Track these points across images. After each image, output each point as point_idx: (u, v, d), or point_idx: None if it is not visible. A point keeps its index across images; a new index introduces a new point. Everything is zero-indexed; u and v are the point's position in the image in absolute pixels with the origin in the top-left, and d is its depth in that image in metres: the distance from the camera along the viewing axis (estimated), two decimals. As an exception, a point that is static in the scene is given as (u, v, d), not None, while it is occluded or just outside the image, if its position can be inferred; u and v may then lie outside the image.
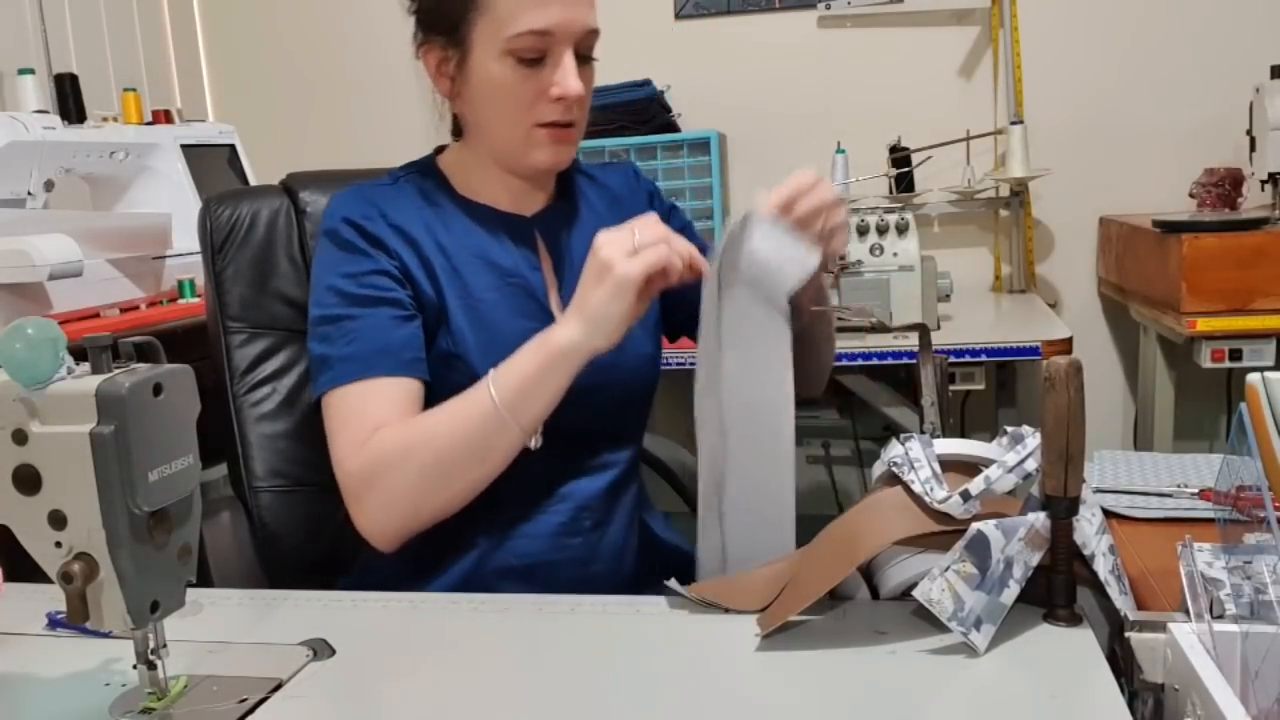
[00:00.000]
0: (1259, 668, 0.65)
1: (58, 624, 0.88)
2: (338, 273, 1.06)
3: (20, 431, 0.67)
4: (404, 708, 0.73)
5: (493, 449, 0.97)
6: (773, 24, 2.72)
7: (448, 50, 1.06)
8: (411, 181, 1.13)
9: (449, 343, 1.06)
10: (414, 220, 1.08)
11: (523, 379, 0.96)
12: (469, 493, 1.00)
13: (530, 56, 1.02)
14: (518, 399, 0.96)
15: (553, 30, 1.01)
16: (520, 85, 1.03)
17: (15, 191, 1.83)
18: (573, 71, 1.03)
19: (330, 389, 1.03)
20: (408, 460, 0.98)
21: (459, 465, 0.98)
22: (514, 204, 1.13)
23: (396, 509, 0.99)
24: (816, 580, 0.80)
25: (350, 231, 1.06)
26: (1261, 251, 1.94)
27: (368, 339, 1.03)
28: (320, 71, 2.97)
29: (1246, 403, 0.76)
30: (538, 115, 1.04)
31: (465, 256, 1.08)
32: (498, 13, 1.01)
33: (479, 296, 1.07)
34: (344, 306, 1.04)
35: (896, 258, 2.07)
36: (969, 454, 0.83)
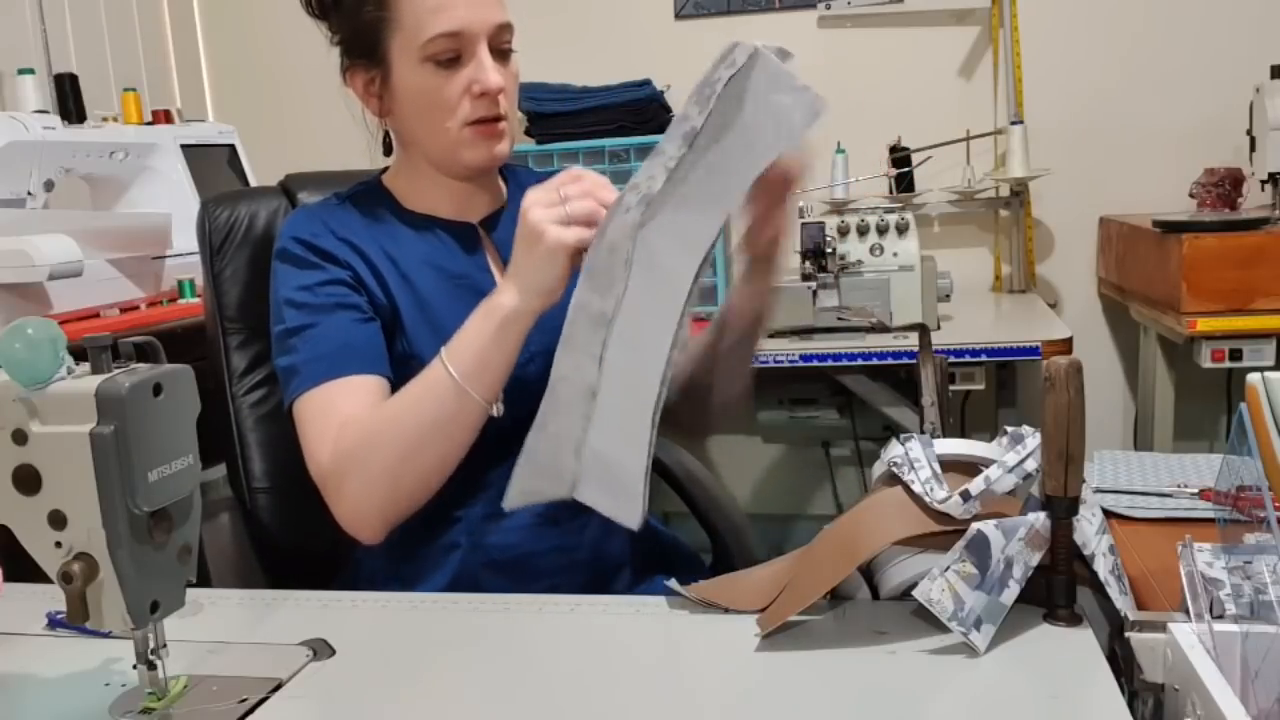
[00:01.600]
0: (1259, 668, 0.65)
1: (58, 624, 0.88)
2: (293, 287, 1.07)
3: (20, 431, 0.67)
4: (404, 708, 0.73)
5: (457, 422, 0.98)
6: (773, 24, 2.72)
7: (370, 70, 1.10)
8: (356, 202, 1.15)
9: (404, 345, 1.08)
10: (360, 233, 1.11)
11: (475, 349, 0.96)
12: (441, 470, 1.00)
13: (447, 59, 1.05)
14: (473, 368, 0.96)
15: (462, 30, 1.04)
16: (442, 89, 1.06)
17: (15, 191, 1.83)
18: (490, 67, 1.06)
19: (299, 394, 1.04)
20: (376, 445, 0.98)
21: (426, 443, 0.98)
22: (459, 212, 1.16)
23: (373, 496, 0.99)
24: (816, 580, 0.80)
25: (299, 248, 1.09)
26: (1261, 251, 1.94)
27: (330, 340, 1.04)
28: (320, 71, 2.95)
29: (1246, 403, 0.76)
30: (464, 115, 1.07)
31: (414, 263, 1.11)
32: (407, 24, 1.05)
33: (430, 301, 1.09)
34: (304, 316, 1.06)
35: (896, 258, 2.07)
36: (969, 454, 0.83)
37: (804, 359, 1.98)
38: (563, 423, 0.93)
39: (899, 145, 2.60)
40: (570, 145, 2.60)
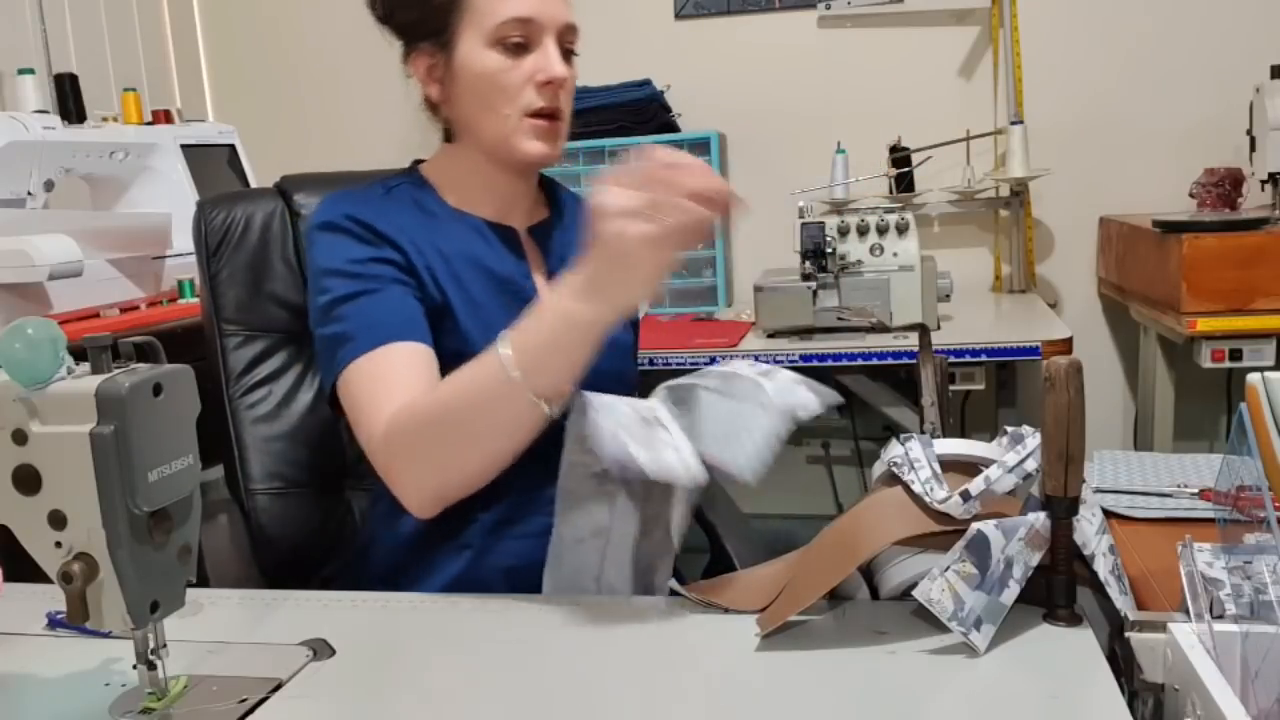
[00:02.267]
0: (1259, 668, 0.65)
1: (58, 624, 0.88)
2: (345, 258, 1.05)
3: (20, 431, 0.67)
4: (404, 708, 0.73)
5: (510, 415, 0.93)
6: (773, 24, 2.72)
7: (435, 54, 1.10)
8: (405, 191, 1.14)
9: (457, 341, 1.06)
10: (413, 226, 1.09)
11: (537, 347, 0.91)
12: (495, 458, 0.96)
13: (515, 42, 1.06)
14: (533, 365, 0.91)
15: (534, 17, 1.06)
16: (507, 73, 1.06)
17: (15, 191, 1.83)
18: (556, 57, 1.07)
19: (351, 361, 1.01)
20: (423, 425, 0.96)
21: (475, 429, 0.94)
22: (501, 214, 1.15)
23: (423, 474, 0.97)
24: (816, 580, 0.80)
25: (353, 224, 1.07)
26: (1261, 251, 1.94)
27: (385, 310, 1.03)
28: (320, 72, 2.97)
29: (1246, 403, 0.76)
30: (526, 103, 1.07)
31: (463, 263, 1.10)
32: (479, 7, 1.06)
33: (480, 301, 1.08)
34: (357, 285, 1.04)
35: (896, 258, 2.07)
36: (969, 454, 0.83)
37: (804, 359, 1.98)
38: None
39: (899, 145, 2.60)
40: (570, 145, 2.58)
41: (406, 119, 1.14)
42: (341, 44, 2.94)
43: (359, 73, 2.93)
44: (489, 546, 1.06)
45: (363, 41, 1.10)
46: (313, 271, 1.08)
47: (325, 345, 1.04)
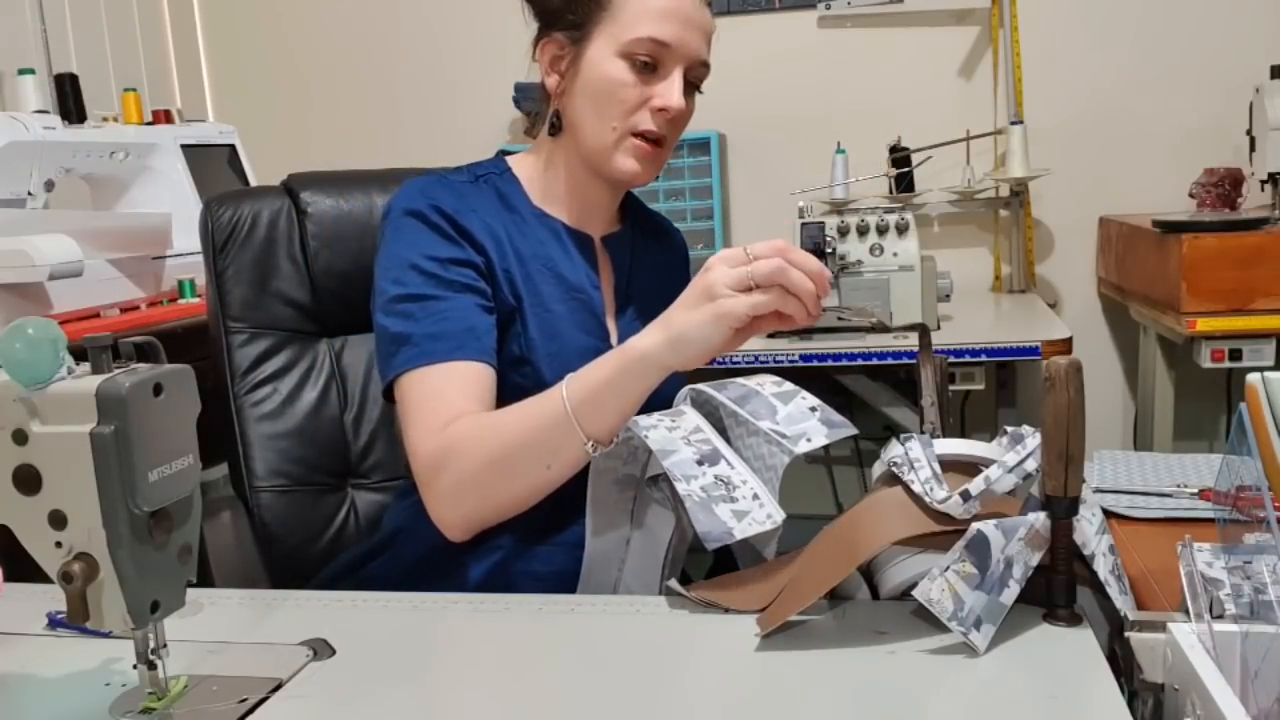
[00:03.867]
0: (1259, 668, 0.65)
1: (58, 624, 0.88)
2: (424, 253, 1.05)
3: (20, 431, 0.67)
4: (404, 708, 0.73)
5: (558, 455, 0.96)
6: (773, 24, 2.72)
7: (565, 46, 1.10)
8: (490, 183, 1.14)
9: (520, 346, 1.07)
10: (497, 222, 1.10)
11: (595, 384, 0.94)
12: (535, 492, 0.98)
13: (645, 61, 1.06)
14: (587, 405, 0.94)
15: (670, 43, 1.06)
16: (629, 88, 1.06)
17: (15, 191, 1.83)
18: (678, 87, 1.07)
19: (411, 367, 1.01)
20: (476, 450, 0.96)
21: (523, 463, 0.96)
22: (581, 222, 1.16)
23: (464, 498, 0.98)
24: (816, 580, 0.80)
25: (439, 217, 1.06)
26: (1261, 251, 1.94)
27: (455, 320, 1.02)
28: (320, 71, 2.97)
29: (1246, 403, 0.76)
30: (635, 122, 1.08)
31: (538, 265, 1.10)
32: (622, 17, 1.06)
33: (549, 307, 1.09)
34: (431, 286, 1.03)
35: (896, 258, 2.07)
36: (969, 454, 0.83)
37: (804, 359, 1.98)
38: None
39: (899, 145, 2.60)
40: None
41: (407, 119, 1.15)
42: (342, 44, 2.94)
43: (359, 73, 2.93)
44: (521, 551, 1.04)
45: (363, 42, 1.11)
46: (389, 256, 1.06)
47: (388, 339, 1.04)
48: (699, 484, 0.88)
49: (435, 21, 2.82)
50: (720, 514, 0.86)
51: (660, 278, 1.21)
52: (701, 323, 0.90)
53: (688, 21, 1.06)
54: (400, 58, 2.86)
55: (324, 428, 1.26)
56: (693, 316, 0.90)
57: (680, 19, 1.06)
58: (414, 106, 2.82)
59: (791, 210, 2.19)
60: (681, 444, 0.92)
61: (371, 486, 1.28)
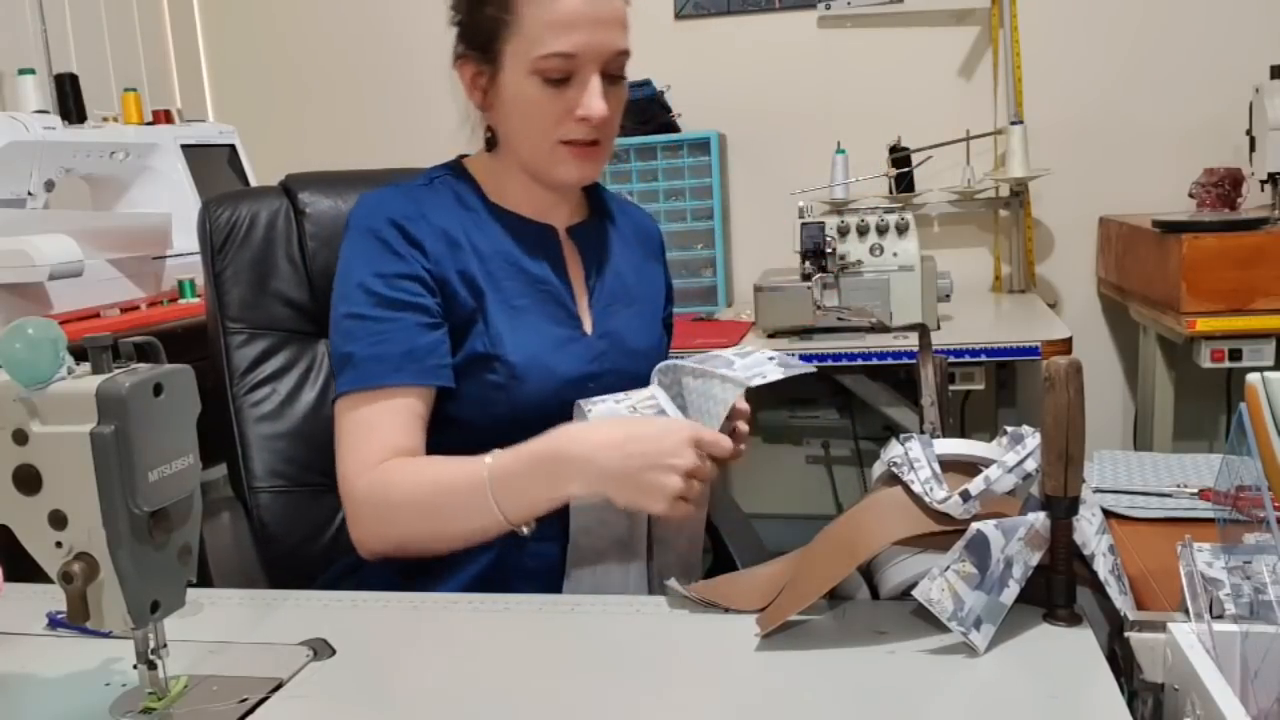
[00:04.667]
0: (1259, 668, 0.65)
1: (58, 624, 0.88)
2: (371, 271, 1.06)
3: (20, 431, 0.67)
4: (404, 708, 0.73)
5: (479, 528, 1.00)
6: (773, 24, 2.72)
7: (481, 65, 1.09)
8: (446, 184, 1.14)
9: (486, 344, 1.07)
10: (453, 223, 1.10)
11: (528, 500, 0.98)
12: (455, 547, 1.02)
13: (556, 77, 1.04)
14: (518, 508, 0.98)
15: (578, 53, 1.04)
16: (546, 104, 1.05)
17: (15, 191, 1.83)
18: (597, 93, 1.05)
19: (350, 390, 1.04)
20: (400, 501, 1.01)
21: (445, 525, 1.01)
22: (542, 214, 1.15)
23: (385, 539, 1.03)
24: (816, 580, 0.80)
25: (391, 231, 1.07)
26: (1261, 251, 1.94)
27: (393, 342, 1.04)
28: (320, 71, 2.97)
29: (1246, 403, 0.76)
30: (562, 133, 1.07)
31: (499, 262, 1.11)
32: (527, 33, 1.04)
33: (513, 302, 1.09)
34: (373, 307, 1.05)
35: (896, 258, 2.07)
36: (969, 454, 0.83)
37: (804, 359, 1.97)
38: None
39: (899, 145, 2.60)
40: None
41: (406, 119, 1.15)
42: (341, 44, 2.94)
43: (359, 73, 2.93)
44: (512, 548, 1.05)
45: (362, 42, 1.11)
46: (341, 275, 1.09)
47: (335, 357, 1.08)
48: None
49: (435, 22, 2.82)
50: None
51: (633, 261, 1.22)
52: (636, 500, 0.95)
53: (594, 23, 1.04)
54: (400, 58, 2.86)
55: (322, 428, 1.26)
56: (633, 494, 0.94)
57: (586, 23, 1.03)
58: (414, 107, 2.82)
59: (791, 210, 2.19)
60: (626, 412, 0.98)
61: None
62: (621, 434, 0.95)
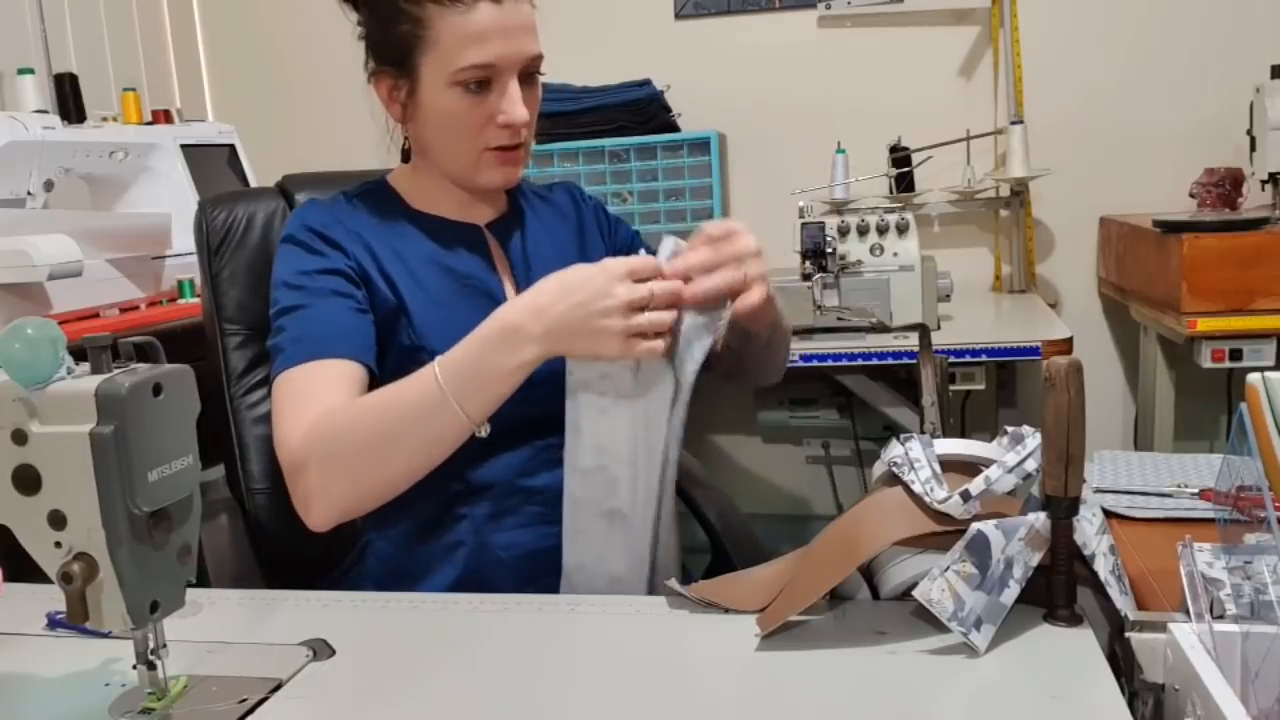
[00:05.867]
0: (1259, 668, 0.65)
1: (58, 624, 0.88)
2: (292, 270, 1.08)
3: (20, 431, 0.67)
4: (404, 708, 0.73)
5: (438, 437, 0.97)
6: (773, 24, 2.72)
7: (398, 80, 1.10)
8: (365, 200, 1.16)
9: (412, 336, 1.08)
10: (370, 229, 1.12)
11: (479, 375, 0.95)
12: (408, 476, 0.98)
13: (475, 85, 1.06)
14: (470, 392, 0.95)
15: (496, 63, 1.05)
16: (468, 113, 1.07)
17: (15, 191, 1.83)
18: (518, 100, 1.07)
19: (279, 371, 1.03)
20: (346, 437, 0.97)
21: (399, 448, 0.97)
22: (464, 214, 1.17)
23: (330, 486, 0.98)
24: (816, 580, 0.80)
25: (306, 234, 1.10)
26: (1261, 251, 1.94)
27: (320, 323, 1.05)
28: (320, 72, 2.97)
29: (1246, 403, 0.76)
30: (486, 140, 1.09)
31: (421, 262, 1.12)
32: (442, 47, 1.05)
33: (438, 299, 1.10)
34: (297, 297, 1.06)
35: (896, 258, 2.07)
36: (969, 454, 0.83)
37: (804, 359, 1.98)
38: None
39: (899, 145, 2.60)
40: (570, 145, 2.60)
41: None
42: (341, 44, 2.92)
43: (359, 73, 2.92)
44: (482, 542, 1.07)
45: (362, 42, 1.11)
46: (271, 285, 1.10)
47: (270, 354, 1.07)
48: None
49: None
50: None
51: (559, 243, 1.22)
52: (589, 345, 0.93)
53: (507, 31, 1.05)
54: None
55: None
56: (583, 338, 0.92)
57: (499, 32, 1.04)
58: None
59: (791, 210, 2.19)
60: None
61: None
62: (557, 288, 0.94)
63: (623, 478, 0.98)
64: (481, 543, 1.07)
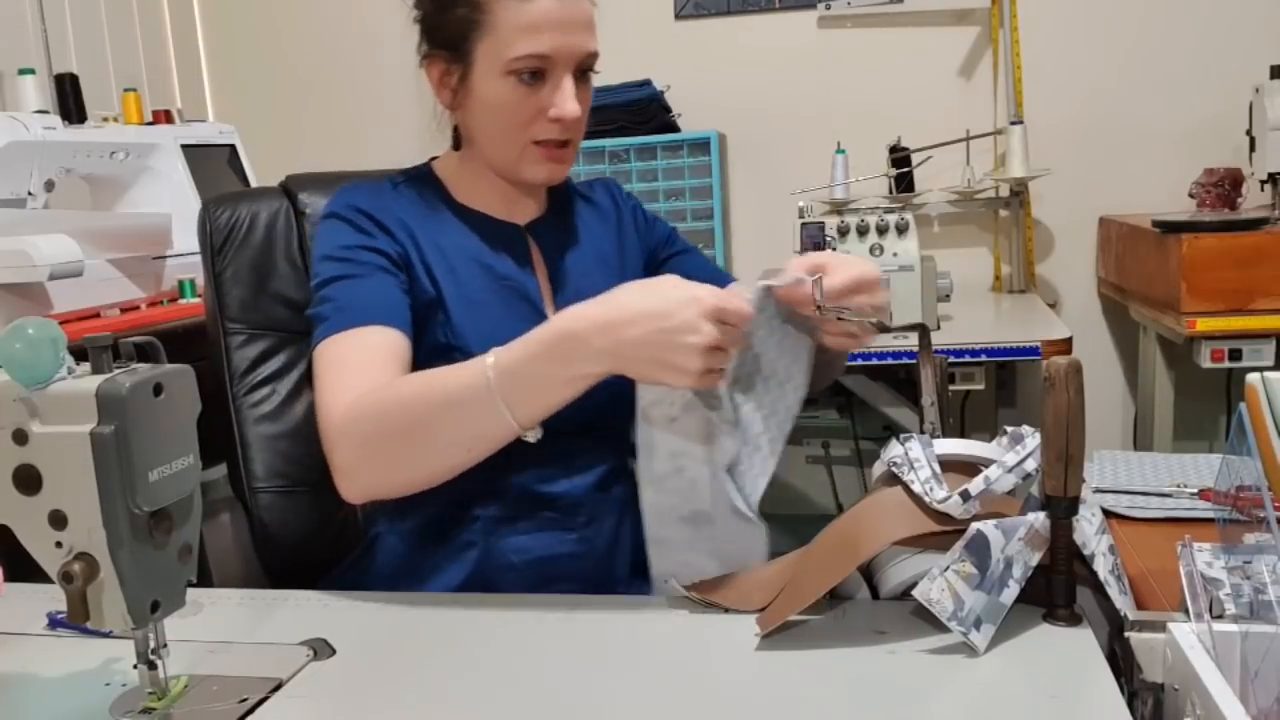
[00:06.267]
0: (1259, 668, 0.65)
1: (58, 624, 0.88)
2: (340, 244, 1.07)
3: (20, 431, 0.67)
4: (404, 708, 0.73)
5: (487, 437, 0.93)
6: (773, 24, 2.72)
7: (450, 65, 1.09)
8: (411, 187, 1.15)
9: (448, 334, 1.07)
10: (414, 219, 1.11)
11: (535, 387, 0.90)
12: (449, 467, 0.95)
13: (529, 75, 1.04)
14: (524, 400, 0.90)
15: (552, 55, 1.04)
16: (519, 104, 1.05)
17: (15, 191, 1.83)
18: (570, 95, 1.05)
19: (323, 339, 1.02)
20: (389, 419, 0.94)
21: (440, 442, 0.93)
22: (508, 212, 1.16)
23: (369, 466, 0.96)
24: (816, 580, 0.80)
25: (354, 213, 1.09)
26: (1261, 251, 1.94)
27: (365, 294, 1.04)
28: (320, 71, 2.97)
29: (1246, 403, 0.76)
30: (534, 133, 1.07)
31: (462, 259, 1.11)
32: (499, 35, 1.03)
33: (476, 298, 1.09)
34: (342, 269, 1.05)
35: (896, 258, 2.07)
36: (969, 454, 0.83)
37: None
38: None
39: (899, 145, 2.60)
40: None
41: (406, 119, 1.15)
42: (342, 44, 2.94)
43: (359, 73, 2.93)
44: (493, 545, 1.06)
45: (363, 41, 1.11)
46: (314, 256, 1.10)
47: (311, 326, 1.06)
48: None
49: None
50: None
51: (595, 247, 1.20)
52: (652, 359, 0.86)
53: (566, 24, 1.03)
54: (399, 57, 2.85)
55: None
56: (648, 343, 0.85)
57: (557, 25, 1.03)
58: (414, 106, 2.82)
59: (791, 210, 2.19)
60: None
61: (371, 486, 1.28)
62: (638, 307, 0.86)
63: (700, 476, 0.95)
64: (492, 546, 1.06)
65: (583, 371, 0.88)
